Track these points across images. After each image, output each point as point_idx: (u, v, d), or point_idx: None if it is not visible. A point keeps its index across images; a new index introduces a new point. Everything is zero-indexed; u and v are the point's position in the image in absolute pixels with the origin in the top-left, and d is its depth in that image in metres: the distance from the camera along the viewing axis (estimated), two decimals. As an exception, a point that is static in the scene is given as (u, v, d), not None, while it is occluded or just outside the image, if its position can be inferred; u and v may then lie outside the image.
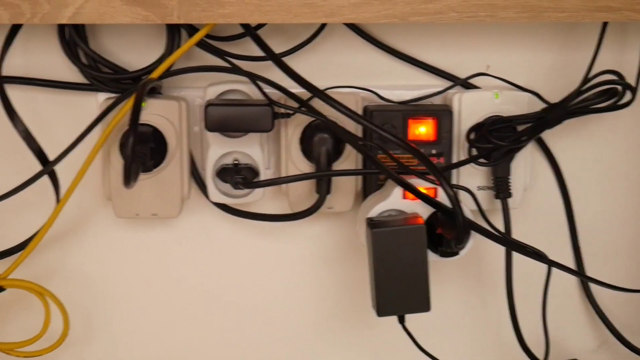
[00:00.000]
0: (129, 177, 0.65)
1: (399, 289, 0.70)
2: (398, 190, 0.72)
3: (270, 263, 0.82)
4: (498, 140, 0.74)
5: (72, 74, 0.77)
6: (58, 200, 0.75)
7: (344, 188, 0.77)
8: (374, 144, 0.74)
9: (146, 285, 0.82)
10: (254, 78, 0.73)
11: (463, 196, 0.73)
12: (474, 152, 0.76)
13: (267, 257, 0.82)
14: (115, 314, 0.82)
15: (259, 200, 0.78)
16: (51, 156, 0.74)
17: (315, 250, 0.82)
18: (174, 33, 0.74)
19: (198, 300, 0.83)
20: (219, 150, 0.76)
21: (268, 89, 0.74)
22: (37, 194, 0.76)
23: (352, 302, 0.83)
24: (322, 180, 0.75)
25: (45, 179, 0.74)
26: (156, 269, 0.82)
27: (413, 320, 0.72)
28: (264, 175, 0.77)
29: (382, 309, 0.70)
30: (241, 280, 0.83)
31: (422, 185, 0.72)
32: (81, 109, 0.77)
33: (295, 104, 0.74)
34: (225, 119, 0.72)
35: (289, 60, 0.74)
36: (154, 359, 0.84)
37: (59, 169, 0.74)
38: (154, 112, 0.74)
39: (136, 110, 0.66)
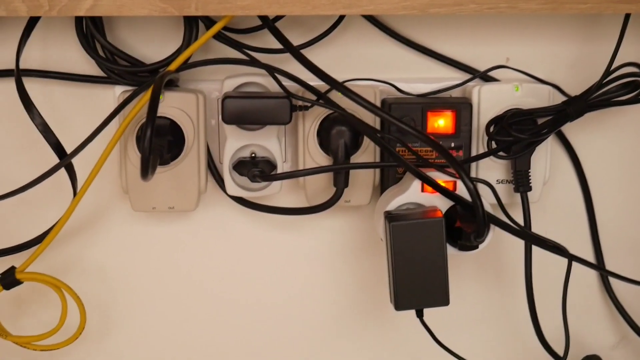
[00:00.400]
0: (147, 170, 0.64)
1: (417, 283, 0.69)
2: (417, 184, 0.71)
3: (287, 257, 0.82)
4: (518, 133, 0.73)
5: (90, 67, 0.77)
6: (75, 193, 0.75)
7: (362, 181, 0.77)
8: (392, 137, 0.74)
9: (163, 278, 0.82)
10: (272, 70, 0.73)
11: (482, 189, 0.72)
12: (494, 145, 0.75)
13: (284, 251, 0.82)
14: (132, 307, 0.82)
15: (276, 193, 0.77)
16: (68, 149, 0.74)
17: (333, 244, 0.82)
18: (192, 25, 0.74)
19: (215, 293, 0.82)
20: (236, 143, 0.76)
21: (286, 82, 0.73)
22: (54, 187, 0.76)
23: (370, 296, 0.83)
24: (340, 174, 0.74)
25: (62, 172, 0.74)
26: (173, 262, 0.82)
27: (431, 314, 0.72)
28: (282, 168, 0.76)
29: (400, 303, 0.70)
30: (258, 273, 0.82)
31: (441, 178, 0.71)
32: (98, 102, 0.77)
33: (313, 97, 0.73)
34: (242, 111, 0.72)
35: (306, 53, 0.74)
36: (171, 352, 0.84)
37: (76, 162, 0.74)
38: (171, 105, 0.74)
39: (153, 103, 0.65)
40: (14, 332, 0.77)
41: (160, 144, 0.73)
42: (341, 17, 0.76)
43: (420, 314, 0.71)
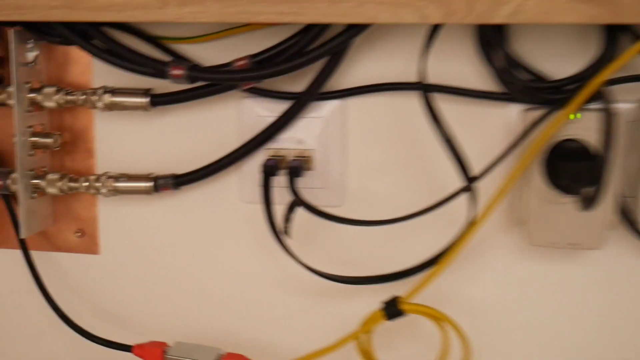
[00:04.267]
0: (592, 202, 0.55)
1: None
2: None
3: None
4: None
5: (480, 81, 0.69)
6: (472, 220, 0.67)
7: None
8: None
9: (535, 322, 0.72)
10: None
11: None
12: None
13: None
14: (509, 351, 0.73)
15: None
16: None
17: None
18: (614, 36, 0.64)
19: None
20: (659, 174, 0.65)
21: None
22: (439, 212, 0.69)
23: None
24: None
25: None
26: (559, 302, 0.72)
27: None
28: None
29: None
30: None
31: None
32: (488, 121, 0.70)
33: None
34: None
35: None
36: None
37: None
38: (587, 126, 0.64)
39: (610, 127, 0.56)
40: (383, 365, 0.71)
41: (572, 169, 0.64)
42: None
43: None
